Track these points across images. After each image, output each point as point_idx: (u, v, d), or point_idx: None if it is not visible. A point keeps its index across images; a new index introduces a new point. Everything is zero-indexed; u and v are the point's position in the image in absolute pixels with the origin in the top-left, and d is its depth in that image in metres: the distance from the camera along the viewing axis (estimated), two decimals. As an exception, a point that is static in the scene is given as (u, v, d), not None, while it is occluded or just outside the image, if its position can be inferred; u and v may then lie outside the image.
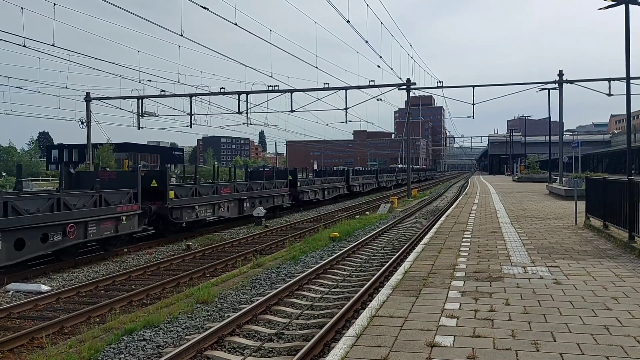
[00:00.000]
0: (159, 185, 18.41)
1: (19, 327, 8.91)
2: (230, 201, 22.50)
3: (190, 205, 19.51)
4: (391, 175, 60.37)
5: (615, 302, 6.57)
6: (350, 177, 43.57)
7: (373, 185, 51.60)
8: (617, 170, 55.97)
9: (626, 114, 18.65)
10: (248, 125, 36.05)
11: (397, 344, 5.20)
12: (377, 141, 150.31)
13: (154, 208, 17.94)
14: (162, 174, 18.85)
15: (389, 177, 59.27)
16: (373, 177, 53.03)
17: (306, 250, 15.30)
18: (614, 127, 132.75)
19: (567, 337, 5.26)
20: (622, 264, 9.05)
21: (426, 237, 13.27)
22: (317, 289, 10.69)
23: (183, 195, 19.30)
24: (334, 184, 38.63)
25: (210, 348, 7.14)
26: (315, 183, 35.07)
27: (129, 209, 16.14)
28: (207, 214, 20.85)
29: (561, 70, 33.21)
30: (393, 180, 55.90)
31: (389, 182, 56.82)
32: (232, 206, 22.75)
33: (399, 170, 56.54)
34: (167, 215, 18.30)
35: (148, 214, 17.67)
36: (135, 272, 13.23)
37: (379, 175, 55.57)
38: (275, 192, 27.40)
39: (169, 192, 18.37)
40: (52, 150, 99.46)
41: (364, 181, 48.29)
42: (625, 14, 18.14)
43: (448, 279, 8.10)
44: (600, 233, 12.77)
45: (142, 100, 35.75)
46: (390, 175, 59.92)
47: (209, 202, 20.80)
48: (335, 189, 38.88)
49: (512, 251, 10.65)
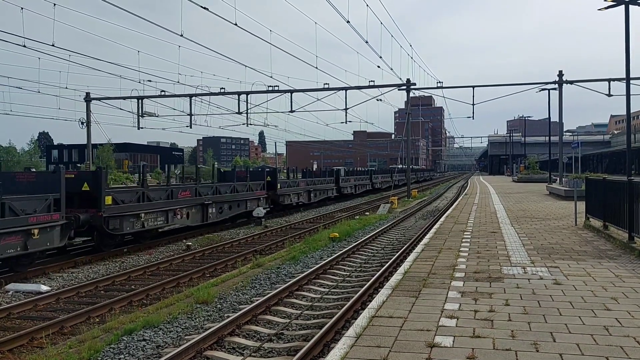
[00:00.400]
0: (92, 189, 15.28)
1: (19, 327, 8.90)
2: (190, 206, 19.53)
3: (134, 212, 16.40)
4: (387, 175, 57.83)
5: (615, 303, 6.58)
6: (341, 177, 40.80)
7: (366, 187, 48.72)
8: (616, 170, 55.97)
9: (626, 114, 18.66)
10: (248, 125, 36.09)
11: (397, 344, 5.20)
12: (377, 141, 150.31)
13: (83, 217, 14.77)
14: (96, 175, 15.73)
15: (385, 177, 56.66)
16: (367, 178, 49.97)
17: (306, 250, 15.30)
18: (613, 127, 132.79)
19: (567, 338, 5.26)
20: (622, 265, 9.05)
21: (426, 238, 13.27)
22: (317, 289, 10.69)
23: (126, 200, 16.30)
24: (321, 186, 35.61)
25: (210, 348, 7.14)
26: (299, 185, 32.01)
27: (46, 220, 13.07)
28: (157, 222, 17.62)
29: (561, 71, 33.24)
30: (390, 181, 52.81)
31: (385, 183, 54.47)
32: (194, 212, 19.83)
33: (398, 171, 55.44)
34: (101, 226, 15.16)
35: (75, 225, 14.51)
36: (134, 272, 13.23)
37: (374, 176, 52.53)
38: (249, 196, 24.25)
39: (104, 198, 15.23)
40: (52, 150, 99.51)
41: (357, 182, 45.33)
42: (625, 14, 18.14)
43: (448, 280, 8.10)
44: (600, 233, 12.77)
45: (142, 100, 35.77)
46: (385, 176, 57.38)
47: (159, 208, 17.59)
48: (323, 191, 35.87)
49: (512, 252, 10.65)
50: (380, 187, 53.31)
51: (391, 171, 60.77)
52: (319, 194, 34.91)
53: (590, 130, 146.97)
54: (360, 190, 46.26)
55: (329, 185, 37.35)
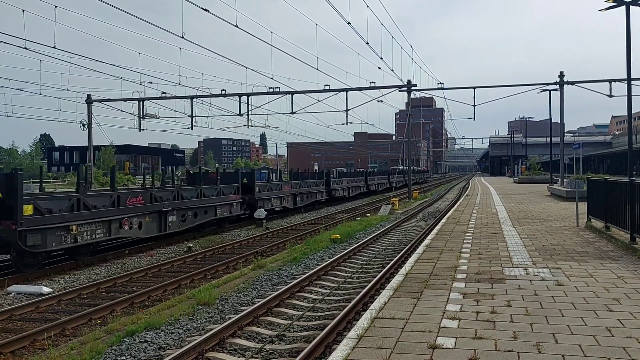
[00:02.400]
0: (6, 197, 12.51)
1: (21, 329, 8.91)
2: (143, 215, 16.78)
3: (62, 224, 13.53)
4: (383, 177, 55.47)
5: (617, 304, 6.57)
6: (332, 179, 38.17)
7: (361, 189, 45.93)
8: (618, 171, 55.92)
9: (627, 115, 18.65)
10: (249, 127, 36.05)
11: (399, 345, 5.20)
12: (378, 143, 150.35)
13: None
14: (9, 179, 12.66)
15: (381, 179, 53.91)
16: (361, 179, 47.12)
17: (307, 251, 15.30)
18: (615, 128, 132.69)
19: (569, 339, 5.26)
20: (624, 266, 9.04)
21: (427, 239, 13.27)
22: (318, 291, 10.69)
23: (54, 210, 13.45)
24: (309, 189, 32.47)
25: (212, 350, 7.14)
26: (283, 188, 28.79)
27: None
28: (96, 235, 14.77)
29: (562, 72, 33.20)
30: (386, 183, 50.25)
31: (381, 185, 51.92)
32: (149, 221, 17.05)
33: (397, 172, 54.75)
34: (16, 242, 12.39)
35: None
36: (136, 273, 13.24)
37: (369, 178, 49.37)
38: (220, 201, 21.57)
39: (21, 207, 12.45)
40: (53, 152, 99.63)
41: (350, 184, 42.56)
42: (626, 15, 18.15)
43: (449, 281, 8.10)
44: (602, 234, 12.75)
45: (143, 102, 35.78)
46: (382, 178, 54.67)
47: (98, 218, 14.74)
48: (311, 194, 32.78)
49: (514, 253, 10.64)
50: (376, 190, 50.99)
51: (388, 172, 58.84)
52: (306, 197, 31.93)
53: (591, 131, 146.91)
54: (353, 193, 43.73)
55: (318, 187, 34.42)
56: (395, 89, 35.07)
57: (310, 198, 32.81)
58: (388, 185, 47.95)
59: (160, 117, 36.63)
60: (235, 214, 23.41)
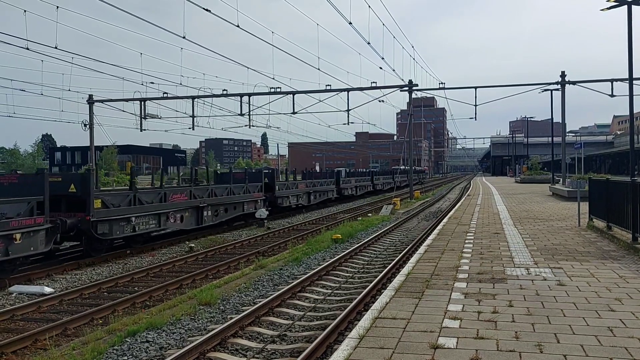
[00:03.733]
0: (80, 192, 14.72)
1: (22, 329, 8.92)
2: (184, 210, 19.04)
3: (125, 216, 15.84)
4: (388, 177, 57.55)
5: (619, 304, 6.56)
6: (342, 179, 40.62)
7: (367, 188, 48.25)
8: (620, 171, 55.87)
9: (629, 114, 18.62)
10: (250, 127, 35.97)
11: (400, 345, 5.19)
12: (379, 143, 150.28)
13: (70, 221, 14.18)
14: (84, 177, 15.32)
15: (386, 179, 56.24)
16: (368, 179, 49.60)
17: (308, 252, 15.30)
18: (616, 128, 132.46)
19: (571, 339, 5.25)
20: (626, 266, 9.02)
21: (429, 239, 13.26)
22: (319, 291, 10.69)
23: (116, 204, 15.70)
24: (321, 187, 35.04)
25: (213, 350, 7.14)
26: (299, 186, 31.42)
27: (29, 224, 12.54)
28: (149, 226, 17.19)
29: (563, 71, 33.13)
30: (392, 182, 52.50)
31: (386, 184, 54.35)
32: (188, 216, 19.34)
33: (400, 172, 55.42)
34: (89, 230, 14.59)
35: (61, 229, 13.85)
36: (137, 274, 13.25)
37: (375, 178, 51.95)
38: (246, 198, 23.78)
39: (93, 201, 14.68)
40: (55, 152, 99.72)
41: (357, 184, 44.96)
42: (627, 14, 18.12)
43: (451, 281, 8.09)
44: (604, 234, 12.73)
45: (145, 102, 35.78)
46: (387, 177, 57.09)
47: (151, 212, 17.14)
48: (323, 192, 35.32)
49: (515, 252, 10.62)
50: (382, 189, 52.96)
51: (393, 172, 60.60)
52: (319, 195, 34.43)
53: (593, 130, 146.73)
54: (361, 192, 45.87)
55: (329, 186, 36.88)
56: (397, 89, 35.04)
57: (322, 196, 35.16)
58: (393, 184, 50.29)
59: (162, 117, 36.62)
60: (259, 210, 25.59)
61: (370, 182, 49.73)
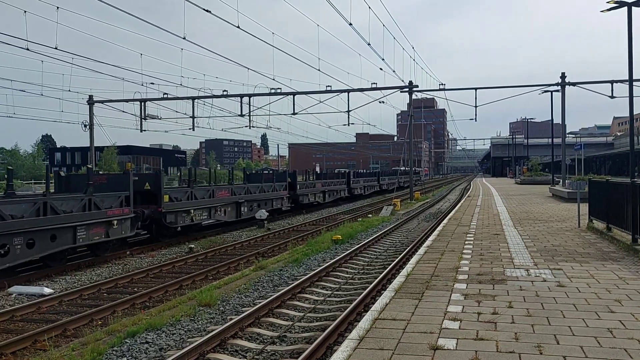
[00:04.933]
0: (153, 189, 18.13)
1: (22, 330, 8.92)
2: (227, 205, 22.34)
3: (185, 209, 19.19)
4: (393, 177, 61.22)
5: (618, 305, 6.55)
6: (352, 179, 43.72)
7: (375, 187, 51.50)
8: (620, 172, 55.87)
9: (629, 116, 18.63)
10: (250, 128, 36.02)
11: (400, 346, 5.19)
12: (380, 144, 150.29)
13: (147, 212, 17.57)
14: (156, 177, 18.56)
15: (392, 179, 59.83)
16: (375, 179, 53.06)
17: (308, 252, 15.29)
18: (616, 129, 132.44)
19: (571, 340, 5.25)
20: (626, 267, 9.02)
21: (429, 240, 13.25)
22: (319, 292, 10.68)
23: (178, 198, 18.99)
24: (334, 187, 38.67)
25: (213, 351, 7.14)
26: (316, 186, 35.02)
27: (120, 213, 15.70)
28: (202, 217, 20.59)
29: (564, 73, 33.15)
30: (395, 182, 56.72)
31: (391, 184, 58.04)
32: (230, 210, 22.60)
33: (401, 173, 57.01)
34: (160, 220, 17.98)
35: (141, 218, 17.32)
36: (137, 274, 13.24)
37: (381, 178, 55.45)
38: (274, 195, 27.28)
39: (163, 196, 18.04)
40: (55, 153, 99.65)
41: (366, 184, 48.30)
42: (627, 16, 18.13)
43: (451, 282, 8.08)
44: (604, 235, 12.73)
45: (145, 103, 35.79)
46: (392, 178, 60.58)
47: (204, 205, 20.51)
48: (336, 191, 38.96)
49: (515, 254, 10.62)
50: (387, 189, 55.98)
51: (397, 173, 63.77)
52: (332, 194, 37.80)
53: (593, 132, 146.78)
54: (369, 191, 48.84)
55: (341, 186, 40.33)
56: (397, 89, 35.05)
57: (335, 195, 38.67)
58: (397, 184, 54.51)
59: (162, 117, 36.64)
60: (285, 207, 29.50)
61: (377, 182, 53.04)
